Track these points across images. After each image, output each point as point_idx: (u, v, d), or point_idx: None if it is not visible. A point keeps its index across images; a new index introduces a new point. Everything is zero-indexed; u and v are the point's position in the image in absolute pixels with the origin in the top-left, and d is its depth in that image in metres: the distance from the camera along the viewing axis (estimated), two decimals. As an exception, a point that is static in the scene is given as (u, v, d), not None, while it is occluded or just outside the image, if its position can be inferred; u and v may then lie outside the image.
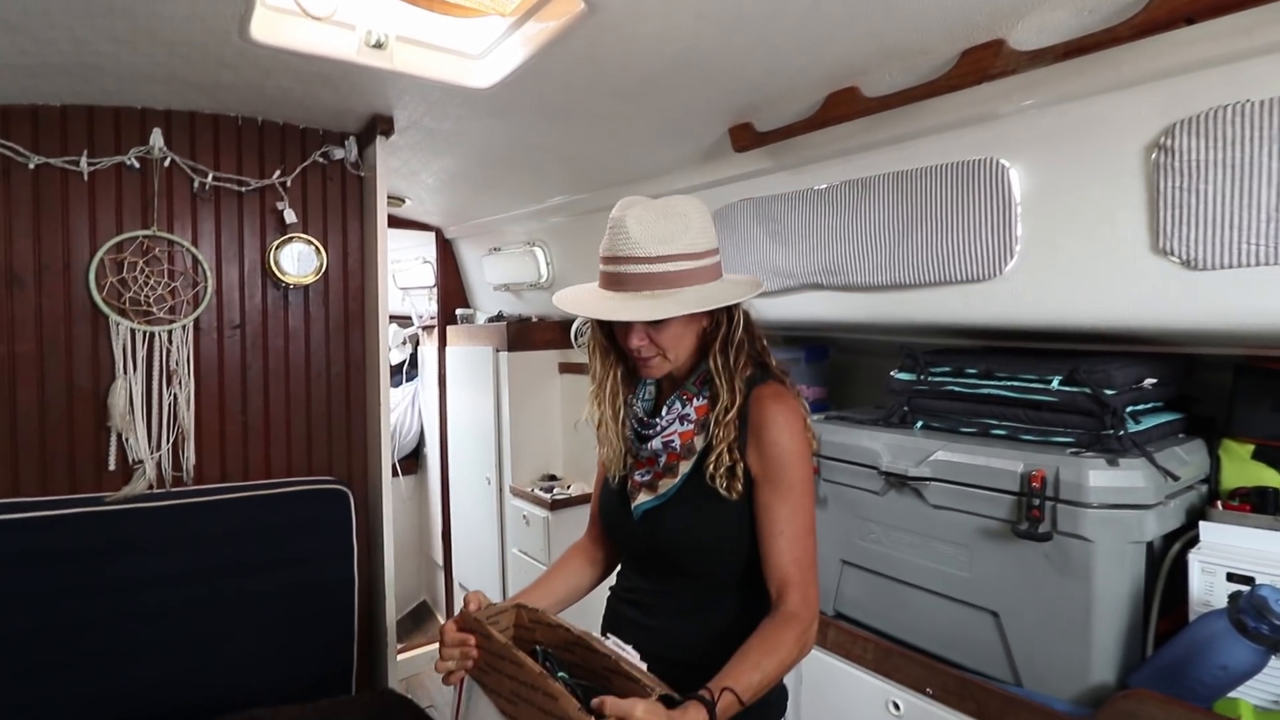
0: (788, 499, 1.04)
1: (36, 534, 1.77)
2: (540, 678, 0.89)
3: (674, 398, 1.13)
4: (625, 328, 1.08)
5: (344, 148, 2.23)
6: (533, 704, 0.89)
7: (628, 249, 1.03)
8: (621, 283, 1.05)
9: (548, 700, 0.86)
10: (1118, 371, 1.38)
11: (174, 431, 2.01)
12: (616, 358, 1.19)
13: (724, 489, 1.05)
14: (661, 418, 1.12)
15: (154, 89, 1.84)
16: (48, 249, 1.86)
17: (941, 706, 1.48)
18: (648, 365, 1.11)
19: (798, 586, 1.02)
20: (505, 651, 0.96)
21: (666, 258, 1.03)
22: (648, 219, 1.04)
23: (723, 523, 1.07)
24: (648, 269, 1.03)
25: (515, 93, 1.77)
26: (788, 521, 1.04)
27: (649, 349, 1.08)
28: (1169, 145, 1.20)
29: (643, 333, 1.07)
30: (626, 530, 1.16)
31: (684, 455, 1.10)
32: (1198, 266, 1.20)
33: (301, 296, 2.22)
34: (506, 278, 3.30)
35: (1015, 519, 1.39)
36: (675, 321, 1.07)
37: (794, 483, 1.05)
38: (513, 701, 0.94)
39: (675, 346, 1.09)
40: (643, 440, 1.13)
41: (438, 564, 3.92)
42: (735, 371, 1.09)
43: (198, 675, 1.91)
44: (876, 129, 1.60)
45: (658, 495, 1.11)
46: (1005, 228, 1.44)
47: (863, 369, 2.38)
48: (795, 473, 1.05)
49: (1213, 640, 1.17)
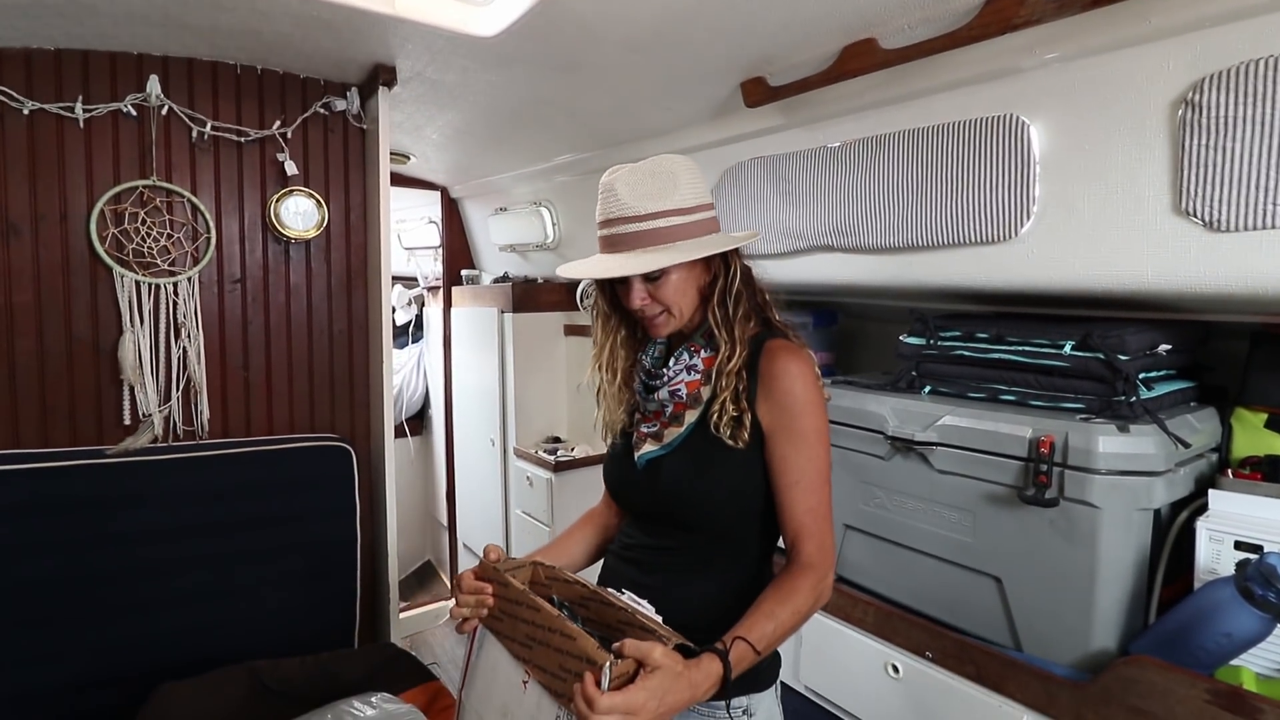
0: (801, 448, 1.03)
1: (37, 485, 1.77)
2: (558, 620, 0.89)
3: (681, 349, 1.13)
4: (627, 289, 1.09)
5: (346, 99, 2.18)
6: (549, 645, 0.89)
7: (619, 210, 1.05)
8: (616, 244, 1.06)
9: (565, 640, 0.87)
10: (1132, 337, 1.36)
11: (183, 384, 2.00)
12: (619, 321, 1.20)
13: (729, 438, 1.04)
14: (669, 368, 1.12)
15: (150, 32, 1.79)
16: (44, 198, 1.83)
17: (940, 669, 1.48)
18: (654, 324, 1.11)
19: (813, 536, 1.02)
20: (522, 598, 0.96)
21: (657, 214, 1.04)
22: (634, 180, 1.05)
23: (726, 475, 1.06)
24: (639, 226, 1.04)
25: (522, 42, 1.72)
26: (802, 471, 1.03)
27: (652, 306, 1.09)
28: (1196, 101, 1.15)
29: (643, 291, 1.08)
30: (629, 483, 1.16)
31: (690, 405, 1.10)
32: (1221, 228, 1.17)
33: (303, 252, 2.20)
34: (512, 238, 3.26)
35: (1022, 485, 1.38)
36: (674, 277, 1.07)
37: (807, 432, 1.03)
38: (528, 645, 0.94)
39: (677, 301, 1.09)
40: (650, 391, 1.13)
41: (442, 525, 3.95)
42: (734, 321, 1.08)
43: (200, 630, 1.93)
44: (893, 84, 1.55)
45: (663, 445, 1.10)
46: (1023, 187, 1.40)
47: (871, 334, 2.36)
48: (809, 421, 1.04)
49: (1218, 607, 1.16)
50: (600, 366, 1.21)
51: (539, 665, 0.92)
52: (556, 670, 0.89)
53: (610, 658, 0.81)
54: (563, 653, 0.87)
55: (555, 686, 0.89)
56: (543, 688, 0.92)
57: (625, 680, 0.81)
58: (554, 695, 0.89)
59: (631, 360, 1.20)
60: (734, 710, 1.05)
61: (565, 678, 0.86)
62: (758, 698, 1.07)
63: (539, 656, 0.92)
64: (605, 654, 0.82)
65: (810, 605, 0.98)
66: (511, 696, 0.98)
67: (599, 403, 1.23)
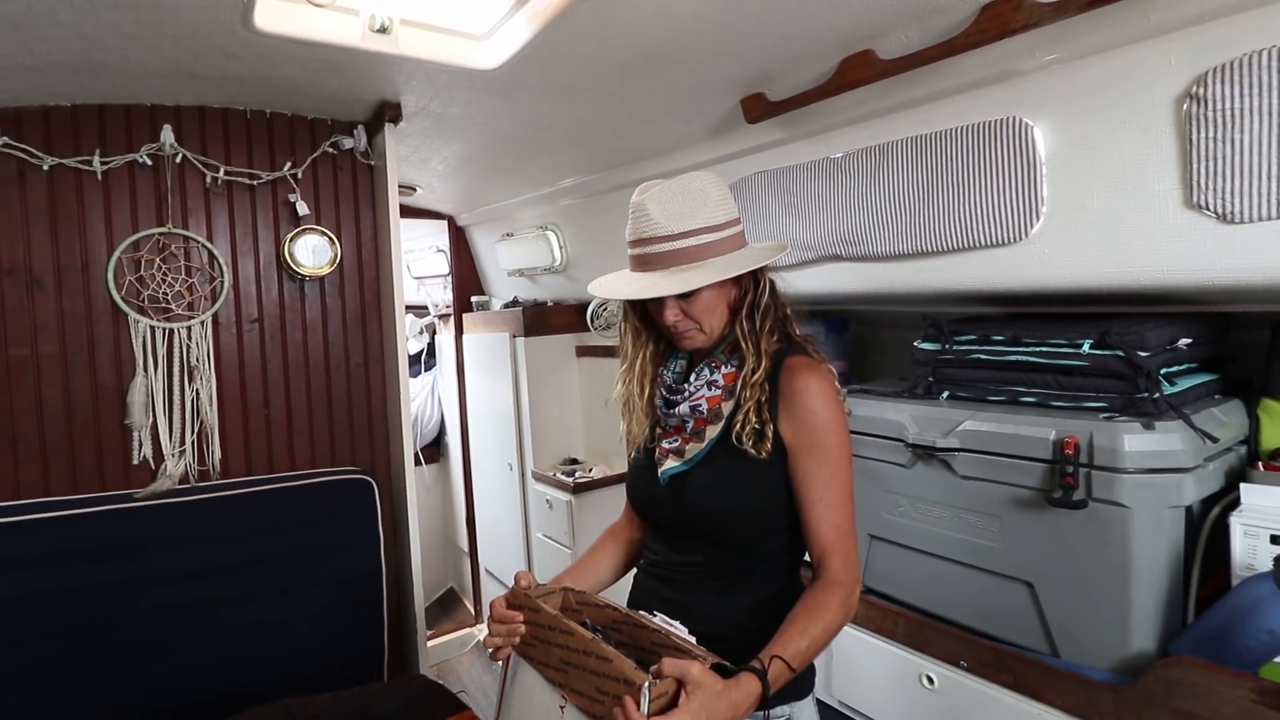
0: (825, 466, 1.04)
1: (68, 531, 1.79)
2: (593, 643, 0.89)
3: (703, 365, 1.14)
4: (659, 305, 1.11)
5: (353, 137, 2.22)
6: (585, 668, 0.89)
7: (650, 230, 1.06)
8: (649, 263, 1.08)
9: (601, 663, 0.87)
10: (1151, 333, 1.34)
11: (196, 427, 2.02)
12: (648, 337, 1.22)
13: (751, 448, 1.04)
14: (690, 383, 1.13)
15: (162, 84, 1.83)
16: (65, 249, 1.87)
17: (977, 679, 1.46)
18: (684, 338, 1.13)
19: (839, 552, 1.02)
20: (555, 622, 0.96)
21: (689, 233, 1.06)
22: (665, 198, 1.07)
23: (749, 489, 1.06)
24: (672, 246, 1.06)
25: (522, 72, 1.75)
26: (826, 488, 1.04)
27: (685, 323, 1.11)
28: (1200, 95, 1.15)
29: (676, 308, 1.10)
30: (653, 499, 1.16)
31: (711, 420, 1.10)
32: (1234, 220, 1.16)
33: (317, 288, 2.23)
34: (520, 263, 3.29)
35: (1048, 487, 1.37)
36: (706, 293, 1.09)
37: (830, 449, 1.04)
38: (563, 670, 0.94)
39: (708, 317, 1.11)
40: (670, 406, 1.15)
41: (463, 551, 3.95)
42: (761, 335, 1.10)
43: (230, 667, 1.94)
44: (893, 93, 1.56)
45: (685, 460, 1.11)
46: (1030, 188, 1.40)
47: (884, 341, 2.35)
48: (831, 439, 1.04)
49: (1258, 604, 1.14)
50: (631, 381, 1.23)
51: (575, 689, 0.92)
52: (593, 693, 0.88)
53: (648, 678, 0.81)
54: (599, 675, 0.87)
55: (593, 710, 0.89)
56: (580, 711, 0.91)
57: (666, 701, 0.81)
58: (592, 718, 0.89)
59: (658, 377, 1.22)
60: (776, 719, 1.05)
61: (603, 700, 0.86)
62: (798, 706, 1.08)
63: (575, 680, 0.92)
64: (643, 674, 0.82)
65: (840, 621, 0.98)
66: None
67: (624, 416, 1.25)
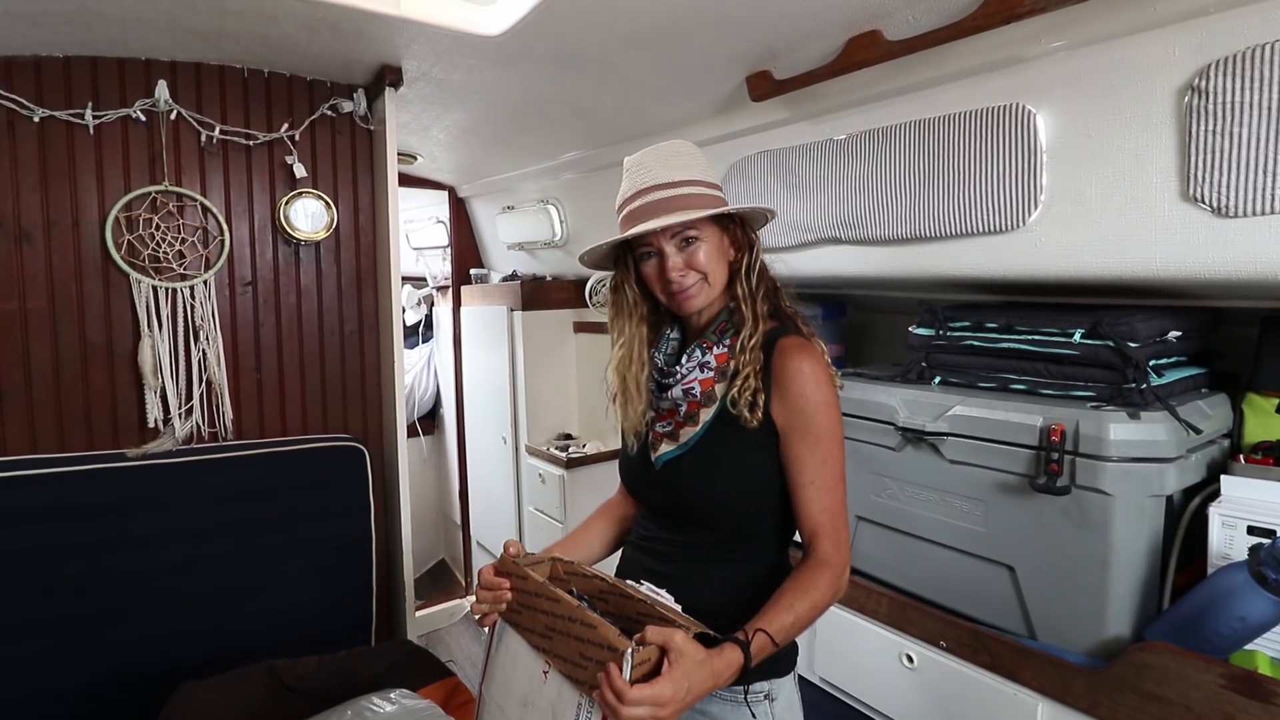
0: (816, 449, 1.04)
1: (57, 489, 1.79)
2: (578, 609, 0.90)
3: (694, 346, 1.13)
4: (660, 265, 1.09)
5: (353, 100, 2.19)
6: (569, 635, 0.90)
7: (649, 179, 1.07)
8: (647, 212, 1.07)
9: (586, 629, 0.88)
10: (1141, 324, 1.36)
11: (202, 387, 2.02)
12: (643, 311, 1.19)
13: (747, 412, 1.04)
14: (681, 365, 1.12)
15: (157, 38, 1.80)
16: (56, 204, 1.85)
17: (955, 659, 1.49)
18: (688, 295, 1.10)
19: (829, 534, 1.02)
20: (542, 589, 0.97)
21: (687, 182, 1.07)
22: (661, 154, 1.10)
23: (744, 473, 1.06)
24: (673, 192, 1.06)
25: (526, 40, 1.73)
26: (817, 472, 1.04)
27: (688, 275, 1.09)
28: (1203, 87, 1.15)
29: (680, 258, 1.08)
30: (648, 482, 1.16)
31: (705, 403, 1.09)
32: (1229, 214, 1.17)
33: (313, 253, 2.21)
34: (520, 236, 3.27)
35: (1033, 473, 1.38)
36: (707, 245, 1.08)
37: (821, 432, 1.04)
38: (547, 636, 0.95)
39: (712, 268, 1.09)
40: (663, 390, 1.13)
41: (456, 523, 3.97)
42: (758, 297, 1.10)
43: (218, 629, 1.95)
44: (899, 75, 1.55)
45: (680, 445, 1.10)
46: (1030, 176, 1.40)
47: (880, 327, 2.36)
48: (822, 422, 1.04)
49: (1232, 592, 1.16)
50: (626, 360, 1.19)
51: (559, 655, 0.93)
52: (577, 659, 0.89)
53: (631, 644, 0.82)
54: (583, 641, 0.88)
55: (576, 675, 0.90)
56: (563, 677, 0.93)
57: (649, 668, 0.82)
58: (575, 684, 0.90)
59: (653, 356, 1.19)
60: (755, 694, 1.06)
61: (586, 665, 0.87)
62: (779, 683, 1.08)
63: (559, 646, 0.93)
64: (626, 641, 0.83)
65: (827, 600, 0.99)
66: (532, 687, 0.99)
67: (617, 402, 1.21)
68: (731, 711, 1.06)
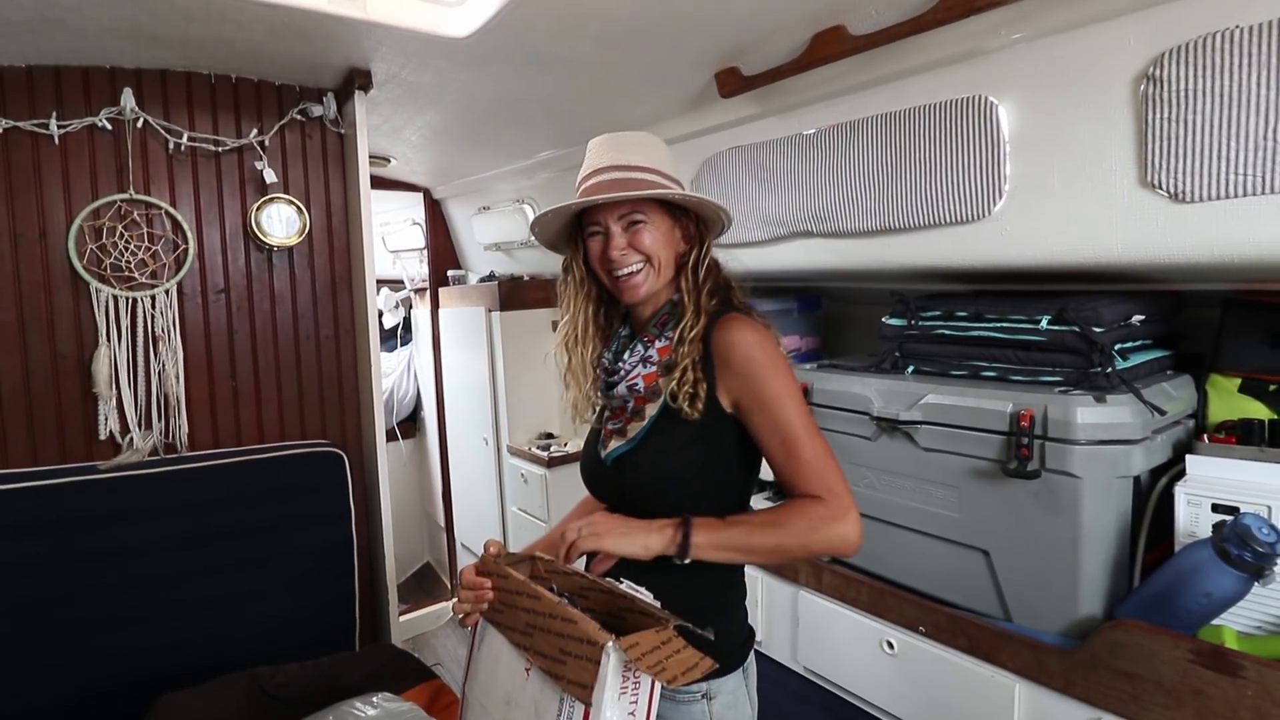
0: (778, 410, 1.00)
1: (29, 503, 1.77)
2: (559, 606, 0.90)
3: (635, 341, 1.13)
4: (605, 242, 1.08)
5: (322, 104, 2.18)
6: (550, 631, 0.90)
7: (607, 159, 1.08)
8: (598, 190, 1.06)
9: (566, 625, 0.88)
10: (1106, 309, 1.38)
11: (161, 399, 2.00)
12: (593, 290, 1.18)
13: (687, 406, 1.03)
14: (624, 361, 1.12)
15: (121, 45, 1.78)
16: (22, 215, 1.82)
17: (934, 644, 1.51)
18: (631, 281, 1.08)
19: (817, 476, 0.97)
20: (522, 587, 0.97)
21: (643, 168, 1.07)
22: (624, 140, 1.10)
23: (693, 464, 1.05)
24: (625, 175, 1.06)
25: (495, 41, 1.73)
26: (787, 429, 0.99)
27: (630, 255, 1.07)
28: (1157, 75, 1.18)
29: (624, 240, 1.07)
30: (600, 479, 1.17)
31: (649, 398, 1.09)
32: (1185, 199, 1.19)
33: (286, 259, 2.20)
34: (497, 236, 3.26)
35: (1005, 458, 1.41)
36: (655, 231, 1.07)
37: (778, 392, 1.00)
38: (528, 634, 0.95)
39: (657, 252, 1.08)
40: (610, 389, 1.13)
41: (440, 526, 3.96)
42: (702, 290, 1.09)
43: (200, 639, 1.94)
44: (863, 70, 1.57)
45: (627, 440, 1.10)
46: (994, 167, 1.42)
47: (856, 318, 2.38)
48: (777, 383, 1.01)
49: (1197, 569, 1.19)
50: (574, 337, 1.18)
51: (539, 651, 0.93)
52: (557, 654, 0.90)
53: (612, 638, 0.82)
54: (564, 637, 0.88)
55: (556, 670, 0.90)
56: (544, 673, 0.93)
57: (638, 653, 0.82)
58: (555, 679, 0.90)
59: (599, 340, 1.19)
60: (692, 694, 1.05)
61: (566, 661, 0.88)
62: (717, 683, 1.06)
63: (539, 643, 0.93)
64: (607, 635, 0.83)
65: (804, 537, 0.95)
66: (514, 685, 0.99)
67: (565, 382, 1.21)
68: (670, 710, 1.05)
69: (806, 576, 1.79)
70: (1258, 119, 1.09)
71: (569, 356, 1.19)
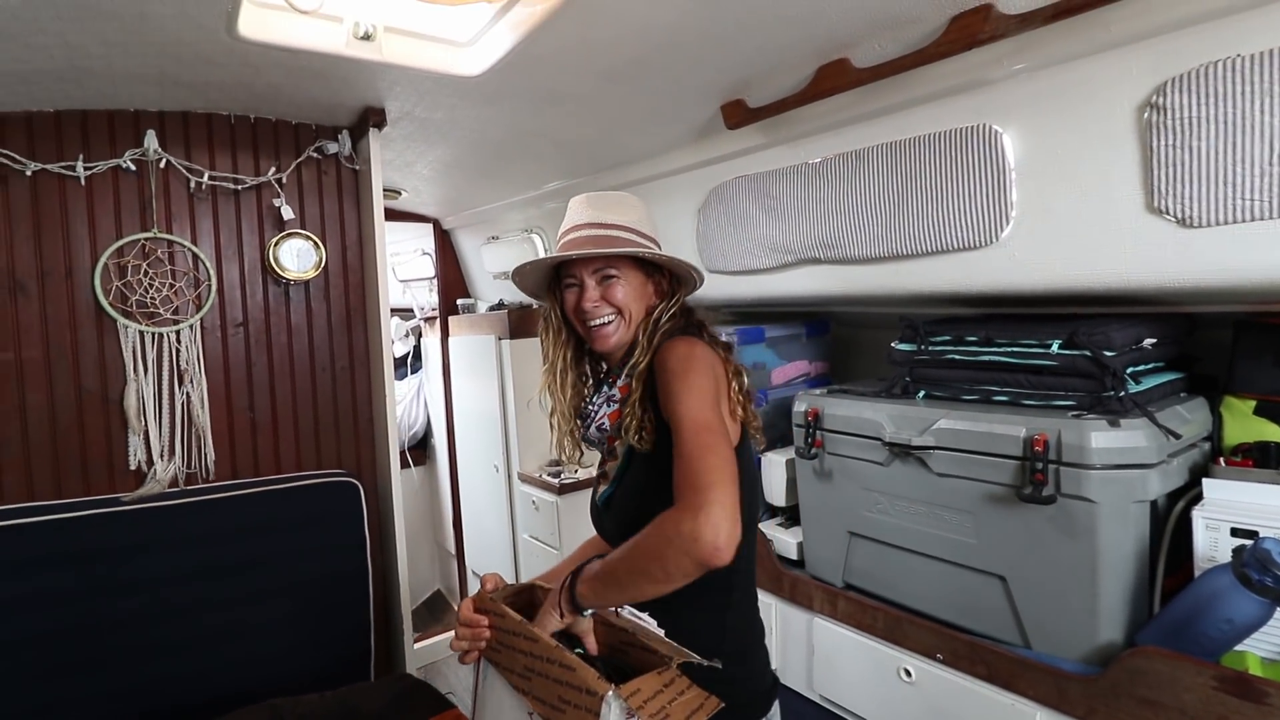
0: (673, 406, 0.96)
1: (54, 536, 1.80)
2: (556, 650, 0.89)
3: (603, 383, 1.19)
4: (579, 294, 1.14)
5: (337, 142, 2.23)
6: (548, 676, 0.89)
7: (584, 218, 1.14)
8: (575, 246, 1.13)
9: (564, 671, 0.87)
10: (1117, 333, 1.39)
11: (187, 431, 2.03)
12: (569, 337, 1.23)
13: (636, 441, 1.05)
14: (592, 404, 1.18)
15: (146, 90, 1.84)
16: (49, 254, 1.87)
17: (952, 671, 1.50)
18: (603, 332, 1.13)
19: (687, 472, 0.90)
20: (519, 628, 0.96)
21: (619, 226, 1.13)
22: (604, 200, 1.17)
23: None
24: (601, 232, 1.12)
25: (506, 79, 1.77)
26: (675, 424, 0.95)
27: (602, 307, 1.12)
28: (1161, 103, 1.20)
29: (596, 293, 1.13)
30: (600, 523, 1.20)
31: (617, 435, 1.12)
32: (1193, 224, 1.20)
33: (302, 292, 2.24)
34: (506, 266, 3.30)
35: (1019, 483, 1.40)
36: (626, 284, 1.13)
37: (679, 390, 0.97)
38: (526, 677, 0.94)
39: (629, 303, 1.13)
40: (585, 431, 1.19)
41: (450, 553, 3.96)
42: (658, 332, 1.12)
43: (217, 669, 1.94)
44: (868, 100, 1.60)
45: (610, 481, 1.13)
46: (1000, 193, 1.44)
47: (865, 342, 2.39)
48: (681, 381, 0.98)
49: (1217, 595, 1.18)
50: (555, 382, 1.23)
51: (538, 697, 0.92)
52: (555, 702, 0.87)
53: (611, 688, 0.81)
54: (561, 683, 0.87)
55: (554, 718, 0.88)
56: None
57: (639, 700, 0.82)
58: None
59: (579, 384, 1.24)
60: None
61: (564, 710, 0.86)
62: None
63: (538, 688, 0.91)
64: (605, 684, 0.81)
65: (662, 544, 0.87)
66: None
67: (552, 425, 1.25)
68: None
69: (821, 603, 1.78)
70: (1263, 145, 1.11)
71: (553, 400, 1.24)
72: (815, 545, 1.88)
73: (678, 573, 0.85)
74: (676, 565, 0.85)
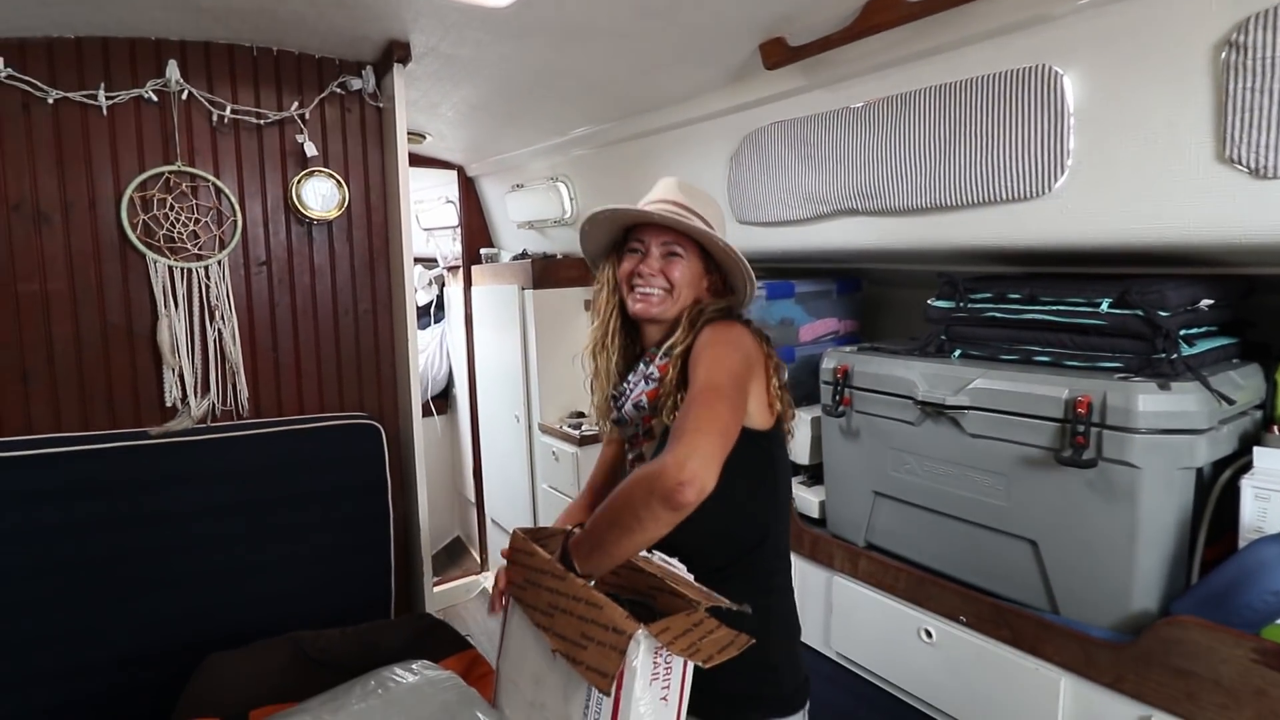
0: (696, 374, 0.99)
1: (79, 467, 1.82)
2: (584, 589, 0.89)
3: (639, 362, 1.18)
4: (639, 260, 1.17)
5: (361, 77, 2.17)
6: (571, 614, 0.89)
7: (671, 196, 1.18)
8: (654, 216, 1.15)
9: (591, 609, 0.87)
10: (1172, 293, 1.31)
11: (221, 367, 2.04)
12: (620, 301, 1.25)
13: (667, 418, 1.07)
14: (629, 382, 1.18)
15: (166, 17, 1.79)
16: (72, 186, 1.85)
17: (975, 634, 1.47)
18: (649, 299, 1.16)
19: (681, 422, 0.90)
20: (548, 566, 0.96)
21: (700, 216, 1.16)
22: (688, 187, 1.21)
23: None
24: (684, 214, 1.15)
25: (536, 11, 1.70)
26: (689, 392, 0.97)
27: (658, 279, 1.15)
28: (1241, 41, 1.10)
29: (658, 262, 1.16)
30: None
31: (654, 414, 1.13)
32: (1267, 175, 1.12)
33: (325, 233, 2.21)
34: (530, 215, 3.25)
35: (1058, 446, 1.35)
36: (687, 268, 1.17)
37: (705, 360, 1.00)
38: (549, 614, 0.94)
39: (682, 285, 1.16)
40: (620, 409, 1.19)
41: (470, 501, 4.00)
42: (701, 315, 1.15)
43: (239, 604, 1.98)
44: (918, 38, 1.50)
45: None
46: (1057, 140, 1.36)
47: (896, 301, 2.32)
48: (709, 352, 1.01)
49: (1264, 565, 1.14)
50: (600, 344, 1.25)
51: (558, 634, 0.92)
52: (577, 639, 0.88)
53: (639, 626, 0.81)
54: (586, 620, 0.87)
55: (575, 655, 0.88)
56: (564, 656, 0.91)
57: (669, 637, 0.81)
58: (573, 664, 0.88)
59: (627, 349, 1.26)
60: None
61: (587, 646, 0.86)
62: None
63: (559, 624, 0.92)
64: (634, 623, 0.81)
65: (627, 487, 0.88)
66: (543, 664, 0.98)
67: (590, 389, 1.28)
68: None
69: (841, 562, 1.76)
70: (1352, 89, 1.02)
71: (594, 362, 1.27)
72: (838, 504, 1.86)
73: (648, 517, 0.84)
74: (645, 507, 0.84)
